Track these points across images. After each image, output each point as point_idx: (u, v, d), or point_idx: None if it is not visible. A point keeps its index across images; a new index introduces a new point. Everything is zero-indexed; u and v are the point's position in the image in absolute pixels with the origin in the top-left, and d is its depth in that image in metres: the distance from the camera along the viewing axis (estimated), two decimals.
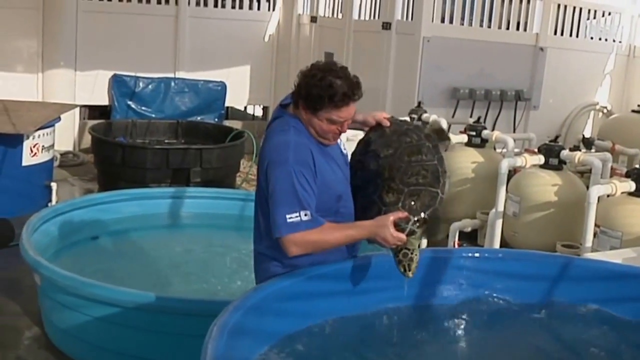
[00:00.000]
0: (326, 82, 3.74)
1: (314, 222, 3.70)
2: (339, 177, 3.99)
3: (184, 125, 11.90)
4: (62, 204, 7.36)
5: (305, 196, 3.70)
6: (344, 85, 3.75)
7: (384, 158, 4.07)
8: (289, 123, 3.91)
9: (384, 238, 3.78)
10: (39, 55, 11.77)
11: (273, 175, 3.75)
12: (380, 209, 3.93)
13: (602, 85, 11.74)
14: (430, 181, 3.97)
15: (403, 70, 10.39)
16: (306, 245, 3.73)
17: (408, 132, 4.15)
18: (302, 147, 3.79)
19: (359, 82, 3.84)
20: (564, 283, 4.36)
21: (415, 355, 4.06)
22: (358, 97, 3.83)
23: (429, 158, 4.04)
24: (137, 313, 5.10)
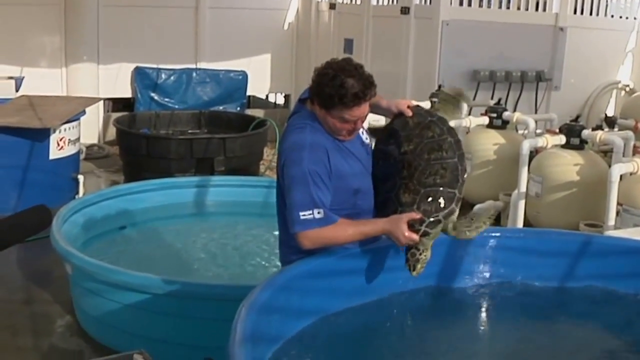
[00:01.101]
0: (337, 82, 3.76)
1: (326, 219, 3.77)
2: (356, 171, 4.01)
3: (207, 115, 11.99)
4: (90, 196, 7.46)
5: (319, 194, 3.77)
6: (355, 86, 3.76)
7: (404, 154, 4.08)
8: (305, 120, 3.96)
9: (397, 237, 3.82)
10: (62, 50, 11.89)
11: (288, 175, 3.84)
12: (397, 209, 3.96)
13: (623, 63, 11.68)
14: (449, 181, 3.95)
15: (423, 55, 10.40)
16: (319, 241, 3.82)
17: (431, 125, 4.12)
18: (317, 147, 3.85)
19: (372, 82, 3.84)
20: (585, 261, 4.39)
21: (442, 337, 4.11)
22: (370, 97, 3.84)
23: (449, 155, 4.02)
24: (166, 299, 5.18)
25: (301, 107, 4.08)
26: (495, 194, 8.10)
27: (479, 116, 8.67)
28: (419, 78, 10.49)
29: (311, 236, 3.79)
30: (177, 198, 7.97)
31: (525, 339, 4.11)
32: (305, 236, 3.79)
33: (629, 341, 4.11)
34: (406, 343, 3.93)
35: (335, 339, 3.79)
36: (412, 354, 3.83)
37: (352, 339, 3.84)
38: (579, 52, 11.02)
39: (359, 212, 4.03)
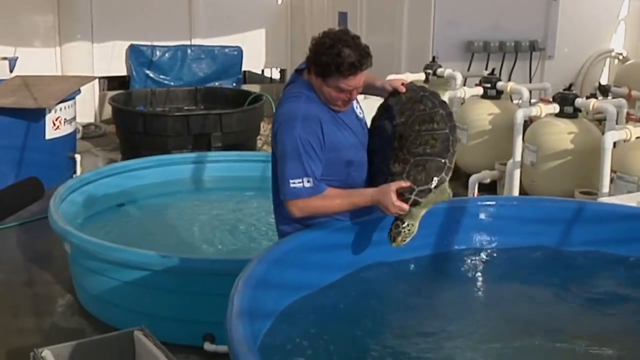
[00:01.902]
0: (334, 51, 3.78)
1: (315, 188, 3.82)
2: (350, 142, 4.03)
3: (203, 91, 12.00)
4: (87, 174, 7.49)
5: (310, 164, 3.81)
6: (352, 55, 3.77)
7: (395, 126, 4.10)
8: (301, 89, 3.99)
9: (386, 206, 3.85)
10: (56, 29, 11.88)
11: (281, 141, 3.88)
12: (387, 178, 3.97)
13: (616, 31, 11.67)
14: (439, 151, 3.93)
15: (417, 26, 10.39)
16: (308, 210, 3.88)
17: (423, 99, 4.13)
18: (311, 116, 3.87)
19: (369, 52, 3.86)
20: (578, 227, 4.45)
21: (437, 302, 4.17)
22: (366, 67, 3.86)
23: (440, 127, 4.00)
24: (166, 275, 5.23)
25: (297, 77, 4.10)
26: (491, 164, 8.14)
27: (474, 87, 8.69)
28: (413, 50, 10.49)
29: (300, 205, 3.84)
30: (175, 175, 8.01)
31: (519, 303, 4.17)
32: (294, 204, 3.85)
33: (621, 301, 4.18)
34: (401, 312, 3.98)
35: (331, 311, 3.83)
36: (408, 323, 3.87)
37: (348, 311, 3.88)
38: (572, 21, 11.01)
39: (352, 184, 4.06)
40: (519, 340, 3.74)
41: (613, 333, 3.87)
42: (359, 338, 3.67)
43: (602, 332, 3.86)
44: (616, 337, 3.82)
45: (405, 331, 3.77)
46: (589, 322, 3.97)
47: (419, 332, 3.77)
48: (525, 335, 3.78)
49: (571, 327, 3.90)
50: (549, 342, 3.72)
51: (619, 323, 3.98)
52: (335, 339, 3.59)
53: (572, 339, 3.75)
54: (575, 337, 3.77)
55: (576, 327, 3.91)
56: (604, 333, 3.85)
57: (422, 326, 3.84)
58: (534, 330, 3.83)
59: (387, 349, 3.59)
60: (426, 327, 3.83)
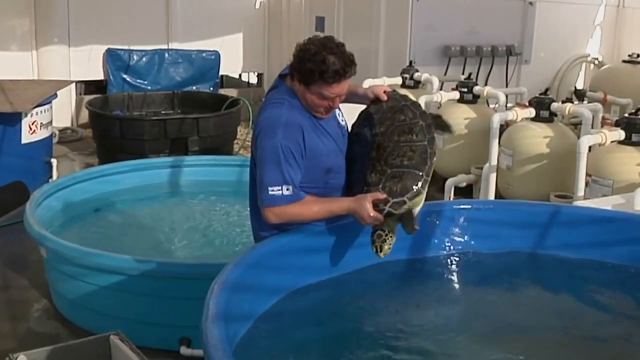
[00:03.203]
0: (319, 58, 3.77)
1: (294, 196, 3.82)
2: (330, 150, 4.03)
3: (180, 95, 11.97)
4: (64, 179, 7.45)
5: (290, 171, 3.80)
6: (336, 62, 3.77)
7: (374, 135, 4.09)
8: (284, 95, 3.97)
9: (362, 217, 3.85)
10: (32, 33, 11.81)
11: (261, 147, 3.86)
12: (363, 188, 3.97)
13: (592, 36, 11.78)
14: (416, 163, 3.92)
15: (394, 31, 10.43)
16: (284, 217, 3.87)
17: (404, 109, 4.12)
18: (293, 123, 3.86)
19: (353, 60, 3.86)
20: (552, 230, 4.47)
21: (414, 307, 4.17)
22: (350, 75, 3.86)
23: (419, 138, 3.99)
24: (142, 279, 5.22)
25: (280, 83, 4.09)
26: (467, 168, 8.18)
27: (450, 91, 8.72)
28: (390, 54, 10.53)
29: (277, 212, 3.84)
30: (152, 179, 7.99)
31: (495, 306, 4.18)
32: (271, 211, 3.84)
33: (594, 304, 4.22)
34: (378, 316, 3.98)
35: (308, 315, 3.84)
36: (385, 326, 3.87)
37: (324, 314, 3.89)
38: (549, 26, 11.12)
39: (330, 190, 4.07)
40: (497, 343, 3.77)
41: (586, 336, 3.90)
42: (336, 341, 3.67)
43: (576, 335, 3.89)
44: (589, 340, 3.85)
45: (382, 334, 3.77)
46: (562, 325, 3.98)
47: (396, 334, 3.77)
48: (502, 338, 3.81)
49: (545, 329, 3.93)
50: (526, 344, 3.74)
51: (592, 326, 4.00)
52: (311, 343, 3.60)
53: (546, 342, 3.77)
54: (549, 340, 3.79)
55: (550, 330, 3.93)
56: (578, 335, 3.88)
57: (400, 328, 3.84)
58: (510, 332, 3.87)
59: (365, 351, 3.59)
60: (404, 329, 3.83)
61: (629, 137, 6.69)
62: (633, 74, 10.14)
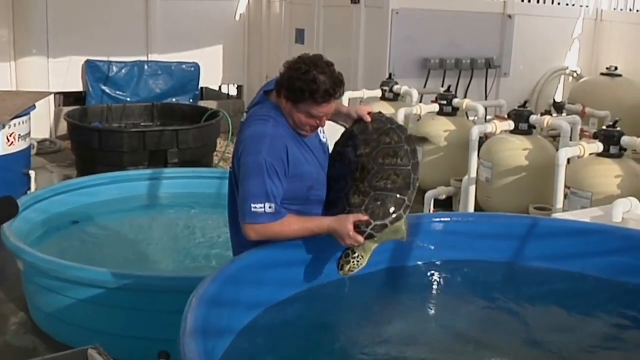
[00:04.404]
0: (310, 77, 3.75)
1: (276, 215, 3.79)
2: (312, 166, 4.02)
3: (160, 107, 11.94)
4: (42, 191, 7.40)
5: (273, 189, 3.78)
6: (327, 82, 3.75)
7: (359, 156, 4.06)
8: (269, 112, 3.93)
9: (342, 237, 3.83)
10: (11, 44, 11.74)
11: (245, 164, 3.82)
12: (345, 209, 3.95)
13: (571, 50, 11.85)
14: (400, 187, 3.92)
15: (373, 44, 10.46)
16: (265, 234, 3.84)
17: (390, 132, 4.10)
18: (278, 141, 3.83)
19: (342, 80, 3.85)
20: (531, 243, 4.48)
21: (393, 320, 4.17)
22: (340, 96, 3.85)
23: (404, 162, 3.99)
24: (120, 293, 5.19)
25: (265, 99, 4.04)
26: (447, 180, 8.19)
27: (430, 104, 8.74)
28: (370, 67, 10.55)
29: (258, 229, 3.81)
30: (131, 191, 7.95)
31: (474, 318, 4.20)
32: (252, 228, 3.81)
33: (574, 316, 4.23)
34: (357, 328, 3.98)
35: (287, 329, 3.83)
36: (364, 340, 3.88)
37: (303, 328, 3.88)
38: (528, 39, 11.18)
39: (311, 208, 4.05)
40: (473, 355, 3.77)
41: (565, 348, 3.91)
42: (315, 355, 3.66)
43: (555, 347, 3.89)
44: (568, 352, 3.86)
45: (361, 346, 3.78)
46: (541, 337, 4.00)
47: (374, 348, 3.78)
48: (479, 350, 3.81)
49: (524, 342, 3.94)
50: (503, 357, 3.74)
51: (571, 338, 4.02)
52: (290, 357, 3.58)
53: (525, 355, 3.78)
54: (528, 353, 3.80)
55: (529, 342, 3.95)
56: (557, 348, 3.89)
57: (378, 341, 3.85)
58: (487, 345, 3.87)
59: None
60: (382, 342, 3.85)
61: (607, 150, 6.74)
62: (611, 87, 10.21)
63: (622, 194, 6.21)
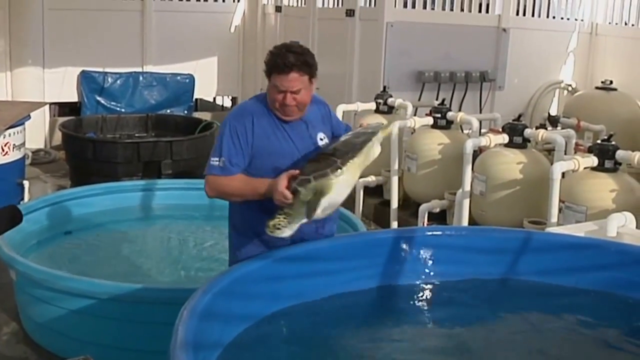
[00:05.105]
0: (280, 52, 4.10)
1: (225, 170, 4.09)
2: (286, 152, 4.17)
3: (154, 118, 11.94)
4: (35, 201, 7.40)
5: (230, 146, 4.10)
6: (290, 57, 4.05)
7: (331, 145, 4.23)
8: (257, 96, 4.35)
9: (274, 192, 3.91)
10: (7, 54, 11.75)
11: (220, 127, 4.25)
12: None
13: (565, 63, 11.85)
14: (339, 154, 4.01)
15: (368, 56, 10.46)
16: (215, 187, 4.15)
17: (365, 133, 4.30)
18: (247, 110, 4.21)
19: (309, 61, 4.13)
20: (525, 257, 4.48)
21: (385, 333, 4.16)
22: (303, 73, 4.10)
23: (359, 140, 4.14)
24: (112, 304, 5.18)
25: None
26: (440, 193, 8.18)
27: (424, 116, 8.73)
28: (364, 79, 10.55)
29: (210, 181, 4.15)
30: (124, 202, 7.94)
31: (468, 333, 4.17)
32: (206, 180, 4.17)
33: (568, 331, 4.21)
34: (347, 343, 3.97)
35: (278, 342, 3.82)
36: (356, 353, 3.86)
37: (294, 342, 3.87)
38: (522, 52, 11.18)
39: None
40: None
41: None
42: None
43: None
44: None
45: None
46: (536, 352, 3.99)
47: None
48: None
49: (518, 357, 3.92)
50: None
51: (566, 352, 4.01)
52: None
53: None
54: None
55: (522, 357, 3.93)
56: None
57: (370, 355, 3.83)
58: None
59: None
60: (374, 356, 3.82)
61: (602, 164, 6.71)
62: (606, 101, 10.20)
63: (616, 208, 6.19)
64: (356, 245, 4.49)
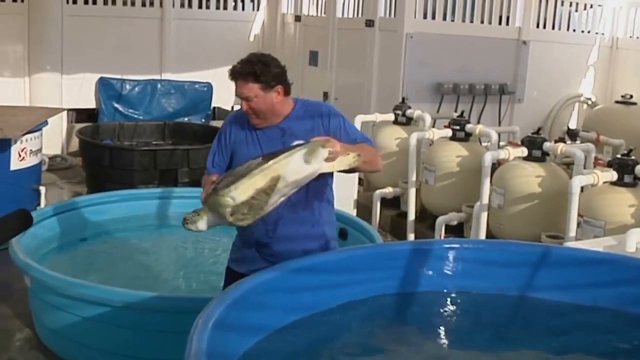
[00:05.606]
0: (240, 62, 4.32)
1: (209, 170, 4.48)
2: (252, 155, 4.26)
3: (171, 126, 11.95)
4: (51, 207, 7.40)
5: (215, 149, 4.51)
6: (238, 65, 4.29)
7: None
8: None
9: None
10: (25, 59, 11.81)
11: None
12: None
13: (585, 77, 11.81)
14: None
15: (387, 67, 10.44)
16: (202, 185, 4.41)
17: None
18: (234, 116, 4.54)
19: (254, 70, 4.25)
20: (543, 271, 4.42)
21: (400, 348, 4.11)
22: (243, 79, 4.25)
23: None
24: (126, 312, 5.16)
25: None
26: (458, 206, 8.13)
27: (442, 128, 8.69)
28: (383, 90, 10.53)
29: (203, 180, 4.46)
30: (140, 210, 7.92)
31: (483, 349, 4.12)
32: None
33: (585, 350, 4.14)
34: (364, 356, 3.92)
35: (291, 353, 3.77)
36: None
37: (309, 354, 3.82)
38: (542, 65, 11.14)
39: None
40: None
41: None
42: None
43: None
44: None
45: None
46: None
47: None
48: None
49: None
50: None
51: None
52: None
53: None
54: None
55: None
56: None
57: None
58: None
59: None
60: None
61: (621, 178, 6.66)
62: (626, 115, 10.15)
63: (635, 223, 6.15)
64: (372, 257, 4.44)
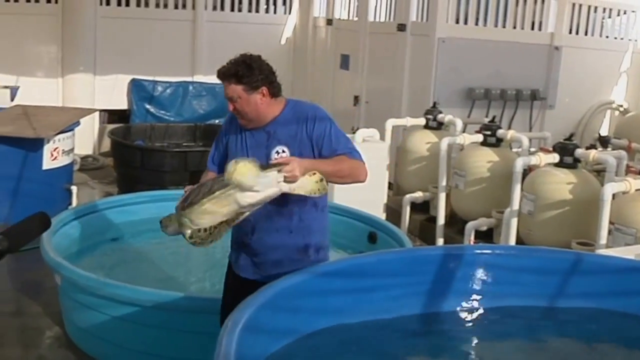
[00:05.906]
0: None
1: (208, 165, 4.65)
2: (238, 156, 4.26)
3: (202, 128, 12.02)
4: (82, 207, 7.45)
5: (214, 146, 4.63)
6: (223, 67, 4.36)
7: None
8: None
9: None
10: (59, 60, 11.93)
11: None
12: None
13: (618, 83, 11.73)
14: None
15: (418, 71, 10.42)
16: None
17: None
18: (227, 119, 4.60)
19: (237, 71, 4.31)
20: (573, 278, 4.39)
21: (430, 354, 4.10)
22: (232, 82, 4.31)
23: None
24: (156, 312, 5.18)
25: None
26: (488, 211, 8.10)
27: (474, 133, 8.67)
28: (414, 95, 10.50)
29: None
30: (170, 210, 7.87)
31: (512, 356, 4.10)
32: None
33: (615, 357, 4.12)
34: None
35: (320, 357, 3.77)
36: None
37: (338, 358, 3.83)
38: (574, 71, 11.07)
39: None
40: None
41: None
42: None
43: None
44: None
45: None
46: None
47: None
48: None
49: None
50: None
51: None
52: None
53: None
54: None
55: None
56: None
57: None
58: None
59: None
60: None
61: None
62: None
63: None
64: (402, 261, 4.43)
